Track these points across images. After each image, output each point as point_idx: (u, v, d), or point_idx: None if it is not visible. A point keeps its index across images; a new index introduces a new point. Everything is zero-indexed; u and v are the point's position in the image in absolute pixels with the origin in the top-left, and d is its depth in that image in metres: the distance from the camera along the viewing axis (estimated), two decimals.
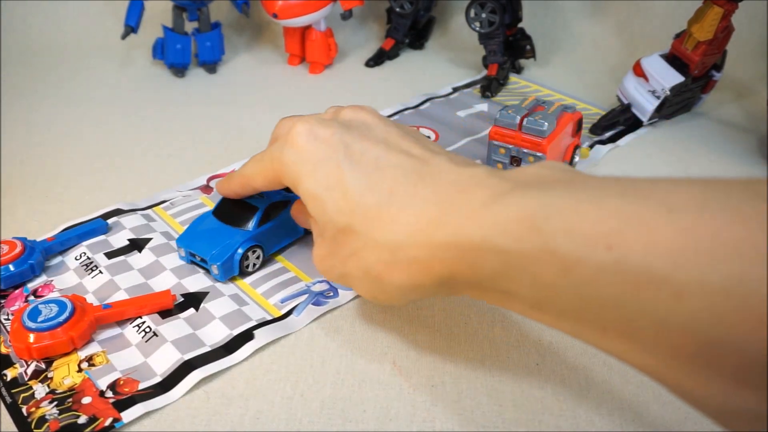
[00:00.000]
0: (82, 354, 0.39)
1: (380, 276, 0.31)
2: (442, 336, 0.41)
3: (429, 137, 0.60)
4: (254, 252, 0.45)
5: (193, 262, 0.46)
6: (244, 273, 0.45)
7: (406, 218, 0.30)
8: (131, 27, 0.77)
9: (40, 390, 0.36)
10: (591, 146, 0.64)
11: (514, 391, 0.37)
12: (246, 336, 0.40)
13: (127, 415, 0.35)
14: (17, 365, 0.38)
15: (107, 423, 0.34)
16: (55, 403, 0.35)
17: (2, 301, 0.43)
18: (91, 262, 0.46)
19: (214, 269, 0.44)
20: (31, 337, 0.37)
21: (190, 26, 0.79)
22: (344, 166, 0.32)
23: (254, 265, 0.46)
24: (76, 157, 0.62)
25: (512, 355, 0.39)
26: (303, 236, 0.49)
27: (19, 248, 0.44)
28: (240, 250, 0.44)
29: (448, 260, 0.28)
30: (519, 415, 0.35)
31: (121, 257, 0.47)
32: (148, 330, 0.40)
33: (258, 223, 0.45)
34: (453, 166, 0.32)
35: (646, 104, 0.65)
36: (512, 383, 0.37)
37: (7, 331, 0.40)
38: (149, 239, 0.48)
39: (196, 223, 0.47)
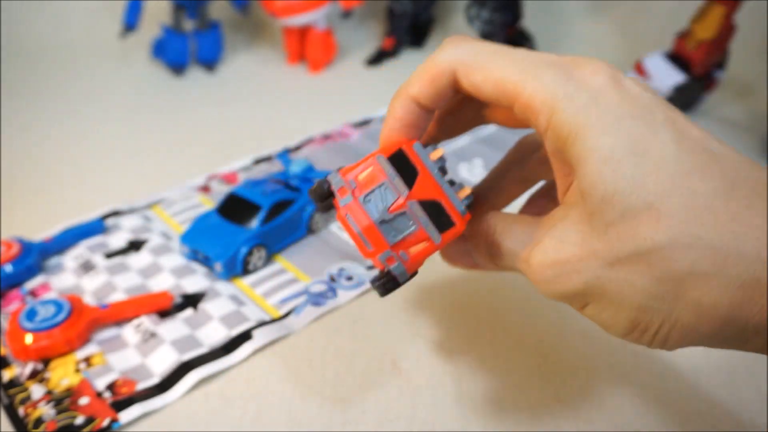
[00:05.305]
0: (80, 355, 0.38)
1: (683, 293, 0.22)
2: (442, 336, 0.40)
3: None
4: (258, 250, 0.45)
5: (195, 260, 0.45)
6: (247, 271, 0.45)
7: (753, 220, 0.21)
8: (130, 26, 0.77)
9: (37, 391, 0.36)
10: None
11: (515, 392, 0.36)
12: (244, 336, 0.39)
13: (125, 416, 0.34)
14: (14, 366, 0.38)
15: (105, 424, 0.34)
16: (53, 403, 0.35)
17: None
18: (89, 263, 0.46)
19: (218, 267, 0.43)
20: (29, 338, 0.37)
21: (189, 25, 0.79)
22: (662, 134, 0.23)
23: (257, 263, 0.45)
24: (74, 157, 0.61)
25: (513, 356, 0.39)
26: (305, 236, 0.49)
27: (16, 248, 0.44)
28: (244, 249, 0.44)
29: None
30: (519, 416, 0.35)
31: (120, 258, 0.46)
32: (146, 331, 0.40)
33: (262, 221, 0.45)
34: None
35: None
36: (513, 384, 0.37)
37: (4, 332, 0.39)
38: (148, 239, 0.48)
39: (200, 221, 0.46)
